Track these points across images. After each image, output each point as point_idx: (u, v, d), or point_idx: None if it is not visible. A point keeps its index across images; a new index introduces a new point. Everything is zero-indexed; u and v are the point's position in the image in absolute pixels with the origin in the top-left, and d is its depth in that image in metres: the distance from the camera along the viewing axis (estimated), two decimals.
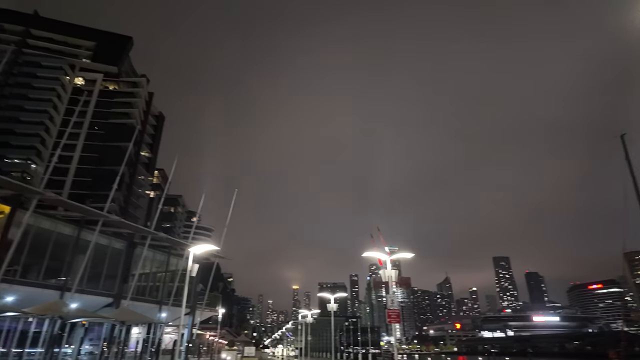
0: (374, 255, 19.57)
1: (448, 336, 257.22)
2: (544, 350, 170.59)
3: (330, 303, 34.87)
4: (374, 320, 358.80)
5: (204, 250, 15.51)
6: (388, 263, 18.95)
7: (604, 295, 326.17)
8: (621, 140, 35.97)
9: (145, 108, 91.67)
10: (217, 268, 74.11)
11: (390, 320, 17.86)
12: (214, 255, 37.23)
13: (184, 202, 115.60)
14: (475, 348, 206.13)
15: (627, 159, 35.46)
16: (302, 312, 56.95)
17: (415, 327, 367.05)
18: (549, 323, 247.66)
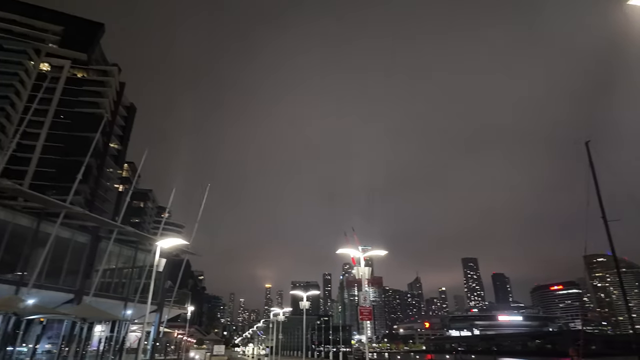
0: (348, 252, 19.47)
1: (417, 335, 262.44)
2: (508, 348, 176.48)
3: (303, 301, 34.61)
4: (346, 319, 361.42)
5: (172, 244, 14.88)
6: (362, 260, 18.90)
7: (564, 296, 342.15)
8: (586, 146, 37.63)
9: (115, 98, 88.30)
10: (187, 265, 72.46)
11: (362, 318, 17.80)
12: (183, 252, 36.19)
13: (155, 197, 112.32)
14: (442, 346, 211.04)
15: (590, 164, 37.11)
16: (274, 310, 56.40)
17: (386, 326, 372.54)
18: (513, 322, 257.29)
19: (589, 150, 37.28)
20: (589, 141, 37.84)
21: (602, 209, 35.08)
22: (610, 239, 34.34)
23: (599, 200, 35.38)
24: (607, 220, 34.70)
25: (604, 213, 34.86)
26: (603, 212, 35.05)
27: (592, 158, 37.17)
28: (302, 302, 34.13)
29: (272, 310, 59.14)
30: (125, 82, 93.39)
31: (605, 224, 34.60)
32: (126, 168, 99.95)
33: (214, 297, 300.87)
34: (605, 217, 34.56)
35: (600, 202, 35.59)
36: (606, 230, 34.67)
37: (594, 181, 36.44)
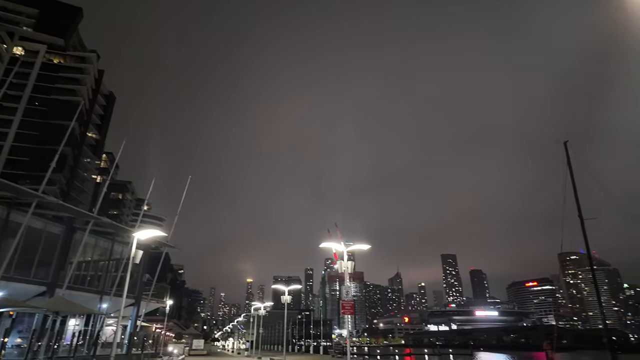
0: (332, 245, 19.32)
1: (397, 329, 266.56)
2: (484, 342, 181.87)
3: (285, 295, 34.42)
4: (327, 313, 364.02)
5: (150, 235, 14.36)
6: (345, 255, 18.79)
7: (538, 292, 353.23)
8: (564, 146, 38.54)
9: (94, 86, 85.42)
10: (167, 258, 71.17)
11: (344, 312, 17.71)
12: (163, 245, 35.39)
13: (134, 189, 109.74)
14: (421, 341, 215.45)
15: (568, 164, 38.02)
16: (255, 304, 56.02)
17: (366, 321, 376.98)
18: (489, 317, 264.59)
19: (567, 149, 38.16)
20: (567, 141, 38.74)
21: (579, 208, 36.02)
22: (586, 237, 35.30)
23: (576, 198, 36.33)
24: (584, 218, 35.73)
25: (580, 211, 35.85)
26: (579, 211, 36.03)
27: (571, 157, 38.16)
28: (283, 297, 33.94)
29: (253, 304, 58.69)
30: (104, 70, 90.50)
31: (581, 222, 35.59)
32: (104, 159, 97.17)
33: (194, 291, 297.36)
34: (582, 215, 35.56)
35: (577, 200, 36.54)
36: (582, 228, 35.66)
37: (572, 180, 37.42)
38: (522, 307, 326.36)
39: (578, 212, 36.00)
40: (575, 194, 36.48)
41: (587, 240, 35.49)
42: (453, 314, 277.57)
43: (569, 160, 37.86)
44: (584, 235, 35.40)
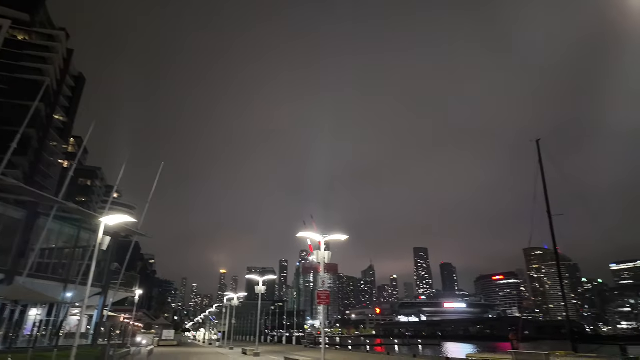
0: (309, 235, 19.09)
1: (368, 320, 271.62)
2: (452, 333, 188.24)
3: (259, 286, 34.08)
4: (301, 304, 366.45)
5: (118, 221, 13.66)
6: (322, 244, 18.63)
7: (504, 285, 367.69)
8: (536, 144, 39.75)
9: (62, 66, 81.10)
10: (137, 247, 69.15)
11: (320, 302, 17.59)
12: (133, 232, 34.16)
13: (104, 176, 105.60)
14: (391, 331, 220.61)
15: (539, 162, 39.28)
16: (228, 295, 55.40)
17: (339, 312, 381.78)
18: (457, 309, 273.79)
19: (539, 148, 39.34)
20: (539, 140, 40.00)
21: (548, 204, 37.38)
22: (553, 232, 36.71)
23: (545, 195, 37.64)
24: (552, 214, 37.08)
25: (549, 208, 37.18)
26: (548, 207, 37.37)
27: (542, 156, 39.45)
28: (257, 287, 33.60)
29: (226, 295, 58.03)
30: (74, 49, 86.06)
31: (549, 218, 36.93)
32: (72, 142, 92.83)
33: (165, 282, 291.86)
34: (550, 211, 36.88)
35: (546, 197, 37.86)
36: (550, 224, 37.01)
37: (542, 177, 38.72)
38: (488, 300, 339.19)
39: (547, 209, 37.39)
40: (545, 191, 37.77)
41: (554, 236, 36.92)
42: (423, 305, 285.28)
43: (540, 158, 39.13)
44: (552, 230, 36.75)
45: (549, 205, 37.03)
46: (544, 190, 37.84)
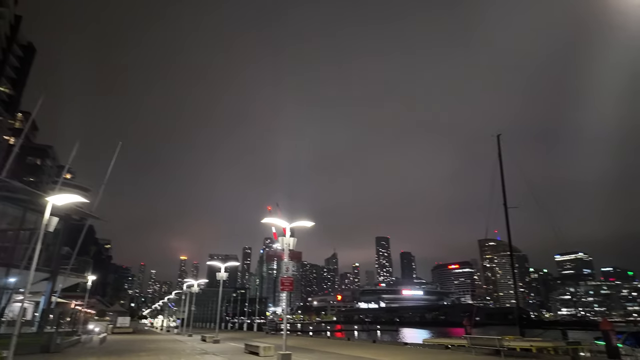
0: (274, 221, 18.74)
1: (330, 307, 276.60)
2: (409, 319, 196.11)
3: (221, 272, 33.37)
4: (263, 291, 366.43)
5: (67, 201, 12.59)
6: (287, 230, 18.36)
7: (459, 274, 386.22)
8: (497, 139, 41.34)
9: (9, 33, 74.19)
10: (91, 230, 65.69)
11: (283, 288, 17.38)
12: (86, 215, 32.20)
13: (56, 155, 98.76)
14: (351, 317, 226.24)
15: (499, 156, 40.94)
16: (187, 281, 54.03)
17: (301, 299, 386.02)
18: (415, 296, 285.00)
19: (499, 142, 40.89)
20: (500, 135, 41.61)
21: (504, 196, 39.09)
22: (508, 224, 38.55)
23: (503, 188, 39.37)
24: (507, 207, 38.88)
25: (505, 200, 38.95)
26: (504, 199, 39.13)
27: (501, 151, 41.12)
28: (219, 274, 32.89)
29: (185, 281, 56.53)
30: (22, 15, 78.88)
31: (505, 210, 38.71)
32: (20, 118, 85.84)
33: (122, 268, 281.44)
34: (506, 203, 38.65)
35: (504, 190, 39.60)
36: (505, 215, 38.81)
37: (500, 171, 40.41)
38: (444, 288, 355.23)
39: (503, 201, 39.15)
40: (502, 184, 39.46)
41: (509, 227, 38.79)
42: (382, 292, 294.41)
43: (500, 152, 40.74)
44: (507, 222, 38.52)
45: (505, 198, 38.85)
46: (501, 184, 39.64)
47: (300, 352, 20.78)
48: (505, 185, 39.58)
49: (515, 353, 17.59)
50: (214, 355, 19.99)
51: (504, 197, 38.74)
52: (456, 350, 19.83)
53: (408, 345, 26.36)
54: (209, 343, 30.43)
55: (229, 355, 19.56)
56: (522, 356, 16.95)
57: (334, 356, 18.63)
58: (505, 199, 38.28)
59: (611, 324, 20.24)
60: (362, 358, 17.49)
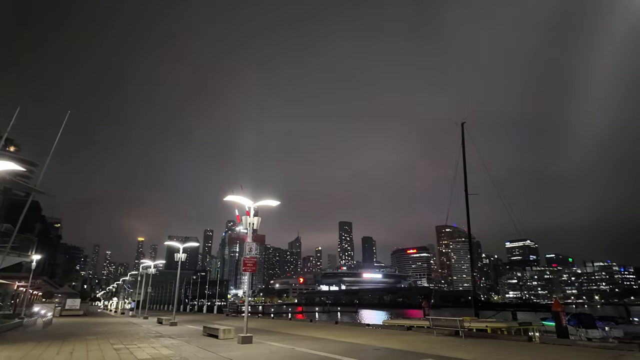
0: (238, 199, 17.79)
1: (292, 289, 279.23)
2: (368, 301, 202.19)
3: (179, 253, 31.96)
4: (225, 274, 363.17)
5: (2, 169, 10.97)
6: (251, 209, 17.52)
7: (416, 259, 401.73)
8: (461, 127, 42.08)
9: None
10: (35, 207, 61.11)
11: (245, 269, 16.63)
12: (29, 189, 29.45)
13: None
14: (313, 299, 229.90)
15: (462, 143, 41.75)
16: (144, 262, 51.75)
17: (263, 281, 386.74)
18: (374, 279, 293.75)
19: (463, 130, 41.68)
20: (464, 122, 42.38)
21: (465, 182, 40.14)
22: (468, 211, 39.67)
23: (464, 174, 40.35)
24: (468, 193, 39.95)
25: (467, 187, 39.99)
26: (466, 186, 40.16)
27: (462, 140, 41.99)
28: (177, 254, 31.47)
29: (142, 262, 54.15)
30: None
31: (466, 197, 39.77)
32: None
33: (74, 248, 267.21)
34: (467, 190, 39.69)
35: (465, 176, 40.61)
36: (466, 202, 39.91)
37: (463, 157, 41.32)
38: (402, 271, 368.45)
39: (465, 188, 40.17)
40: (464, 171, 40.41)
41: (469, 214, 39.96)
42: (344, 275, 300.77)
43: (464, 140, 41.56)
44: (467, 207, 39.67)
45: (466, 184, 39.92)
46: (464, 170, 40.62)
47: (261, 334, 20.27)
48: (467, 173, 40.71)
49: (473, 334, 18.03)
50: (170, 338, 19.01)
51: (465, 183, 39.78)
52: (418, 331, 20.10)
53: (370, 326, 26.59)
54: (165, 326, 29.24)
55: (186, 338, 18.68)
56: (480, 336, 17.37)
57: (296, 338, 18.26)
58: (467, 185, 39.38)
59: (562, 305, 21.28)
60: (324, 339, 17.23)
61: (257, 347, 14.69)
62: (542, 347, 13.59)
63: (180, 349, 14.55)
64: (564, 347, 13.43)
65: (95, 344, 16.04)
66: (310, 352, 13.18)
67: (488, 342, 15.32)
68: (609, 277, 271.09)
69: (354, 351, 13.49)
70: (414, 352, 13.03)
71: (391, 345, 14.60)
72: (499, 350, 13.09)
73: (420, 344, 14.85)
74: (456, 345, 14.44)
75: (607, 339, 24.32)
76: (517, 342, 14.98)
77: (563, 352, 12.39)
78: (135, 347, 15.07)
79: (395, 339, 16.75)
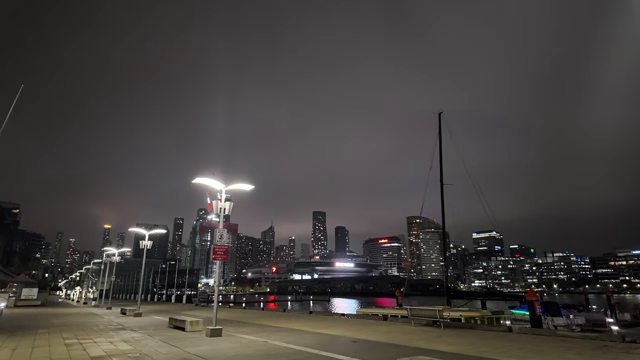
0: (207, 182, 16.47)
1: (264, 278, 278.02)
2: (340, 290, 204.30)
3: (144, 240, 30.16)
4: (195, 263, 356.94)
5: None
6: (223, 193, 16.30)
7: (387, 248, 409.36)
8: (438, 117, 41.93)
9: None
10: None
11: (215, 257, 15.46)
12: None
13: None
14: (285, 288, 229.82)
15: (439, 133, 41.65)
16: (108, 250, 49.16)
17: (236, 271, 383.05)
18: (346, 268, 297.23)
19: (440, 120, 41.56)
20: (441, 112, 42.25)
21: (441, 172, 40.12)
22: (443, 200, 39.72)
23: (440, 164, 40.32)
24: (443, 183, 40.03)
25: (442, 177, 40.02)
26: (441, 176, 40.19)
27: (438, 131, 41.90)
28: (142, 242, 29.69)
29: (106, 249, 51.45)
30: None
31: (441, 187, 39.80)
32: None
33: (34, 235, 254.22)
34: (442, 180, 39.74)
35: (441, 167, 40.56)
36: (441, 192, 39.94)
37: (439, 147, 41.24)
38: (373, 260, 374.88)
39: (440, 177, 40.20)
40: (440, 160, 40.34)
41: (444, 202, 40.05)
42: (316, 264, 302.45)
43: (440, 129, 41.48)
44: (442, 197, 39.75)
45: (442, 174, 39.94)
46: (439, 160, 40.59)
47: (232, 325, 19.23)
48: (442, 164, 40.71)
49: (450, 324, 17.72)
50: (132, 331, 17.62)
51: (441, 172, 39.80)
52: (394, 321, 19.64)
53: (345, 316, 26.03)
54: (129, 317, 27.61)
55: (150, 331, 17.36)
56: (458, 326, 17.06)
57: (269, 329, 17.34)
58: (442, 174, 39.43)
59: (536, 294, 21.40)
60: (299, 331, 16.42)
61: (227, 341, 13.65)
62: (522, 338, 13.32)
63: (141, 343, 13.29)
64: (545, 338, 13.18)
65: (44, 338, 14.48)
66: (284, 346, 12.30)
67: (467, 332, 14.97)
68: (567, 267, 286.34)
69: (330, 344, 12.73)
70: (394, 344, 12.41)
71: (369, 337, 13.96)
72: (479, 341, 12.69)
73: (399, 335, 14.30)
74: (436, 336, 13.96)
75: (571, 327, 24.98)
76: (496, 333, 14.69)
77: (546, 343, 12.10)
78: (90, 342, 13.67)
79: (372, 329, 16.16)
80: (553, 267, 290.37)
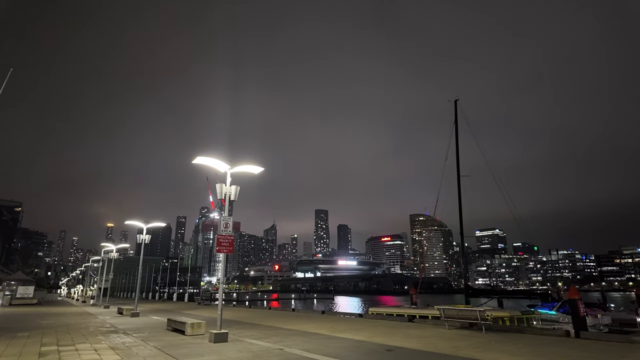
0: (209, 162, 14.25)
1: (267, 276, 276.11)
2: (343, 288, 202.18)
3: (142, 235, 28.02)
4: (198, 261, 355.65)
5: None
6: (228, 177, 14.10)
7: (390, 246, 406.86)
8: (454, 104, 39.40)
9: None
10: None
11: (219, 249, 13.24)
12: None
13: None
14: (288, 286, 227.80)
15: (455, 122, 39.11)
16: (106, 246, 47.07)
17: (238, 269, 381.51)
18: (349, 266, 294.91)
19: (456, 107, 38.99)
20: (457, 99, 39.71)
21: (458, 164, 37.71)
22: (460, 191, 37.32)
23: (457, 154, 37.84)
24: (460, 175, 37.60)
25: (459, 167, 37.60)
26: (458, 166, 37.75)
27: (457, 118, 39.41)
28: (140, 236, 27.58)
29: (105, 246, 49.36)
30: None
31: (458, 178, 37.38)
32: None
33: (36, 233, 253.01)
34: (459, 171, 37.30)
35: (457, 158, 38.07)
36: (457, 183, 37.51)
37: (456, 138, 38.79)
38: (376, 258, 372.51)
39: (457, 168, 37.76)
40: (457, 150, 37.87)
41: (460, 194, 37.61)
42: (319, 262, 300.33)
43: (457, 117, 38.96)
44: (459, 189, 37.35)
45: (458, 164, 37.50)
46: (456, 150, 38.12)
47: (238, 327, 17.05)
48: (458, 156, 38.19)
49: (491, 326, 15.44)
50: (125, 334, 15.44)
51: (458, 163, 37.36)
52: (422, 322, 17.37)
53: (362, 316, 23.76)
54: (125, 317, 25.50)
55: (145, 334, 15.19)
56: (500, 329, 14.79)
57: (281, 333, 15.14)
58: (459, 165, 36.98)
59: (579, 293, 19.12)
60: (317, 335, 14.22)
61: (234, 348, 11.44)
62: (590, 345, 11.05)
63: (131, 352, 11.04)
64: (621, 345, 10.89)
65: (19, 345, 12.27)
66: (305, 356, 10.04)
67: (516, 337, 12.71)
68: (572, 265, 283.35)
69: (360, 353, 10.49)
70: (438, 353, 10.16)
71: (403, 344, 11.71)
72: (539, 348, 10.45)
73: (437, 341, 12.05)
74: (484, 342, 11.71)
75: (598, 327, 22.75)
76: (555, 338, 12.36)
77: (629, 352, 9.84)
78: (70, 350, 11.44)
79: (403, 333, 13.92)
80: (557, 265, 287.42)
